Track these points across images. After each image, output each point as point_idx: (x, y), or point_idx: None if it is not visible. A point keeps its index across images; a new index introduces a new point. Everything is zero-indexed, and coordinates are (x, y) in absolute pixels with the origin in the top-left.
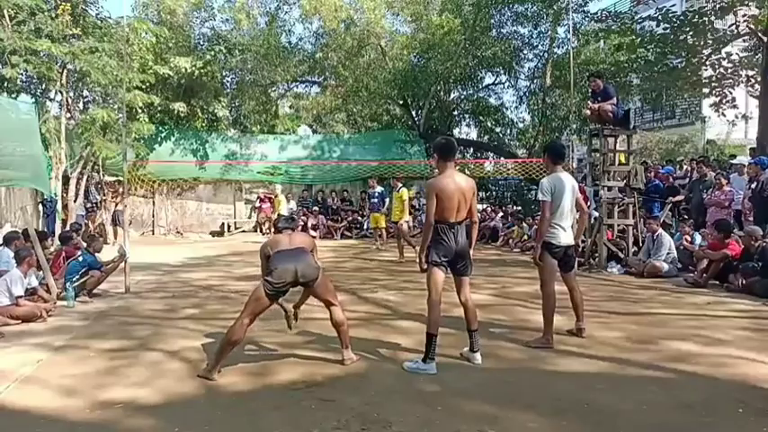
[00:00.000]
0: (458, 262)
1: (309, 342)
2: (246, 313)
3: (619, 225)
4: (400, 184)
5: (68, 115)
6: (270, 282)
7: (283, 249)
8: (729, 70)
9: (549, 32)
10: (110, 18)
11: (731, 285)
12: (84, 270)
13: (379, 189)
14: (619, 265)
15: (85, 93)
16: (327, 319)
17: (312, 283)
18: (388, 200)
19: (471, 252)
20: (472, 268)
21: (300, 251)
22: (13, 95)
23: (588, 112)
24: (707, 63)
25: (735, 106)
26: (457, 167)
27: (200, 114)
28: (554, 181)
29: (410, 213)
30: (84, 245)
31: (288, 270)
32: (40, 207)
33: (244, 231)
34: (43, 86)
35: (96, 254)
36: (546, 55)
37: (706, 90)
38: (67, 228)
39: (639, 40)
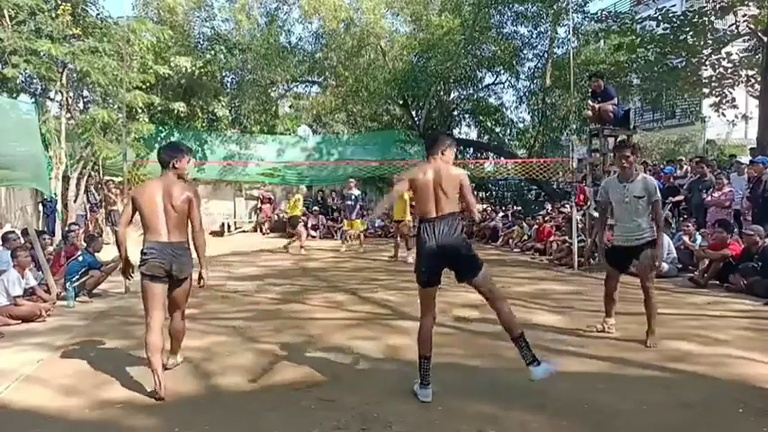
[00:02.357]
0: (453, 263)
1: (309, 342)
2: (149, 314)
3: None
4: None
5: (68, 115)
6: (143, 273)
7: (160, 241)
8: (729, 70)
9: (549, 32)
10: (110, 18)
11: (731, 285)
12: (84, 270)
13: (356, 192)
14: None
15: (85, 93)
16: (328, 318)
17: (179, 283)
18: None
19: None
20: (481, 266)
21: (179, 248)
22: (14, 95)
23: (590, 113)
24: (707, 63)
25: (735, 106)
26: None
27: (199, 114)
28: (607, 183)
29: (411, 214)
30: (84, 245)
31: (160, 266)
32: (40, 207)
33: (244, 231)
34: (43, 86)
35: (96, 254)
36: (546, 55)
37: (706, 90)
38: (67, 228)
39: (639, 40)
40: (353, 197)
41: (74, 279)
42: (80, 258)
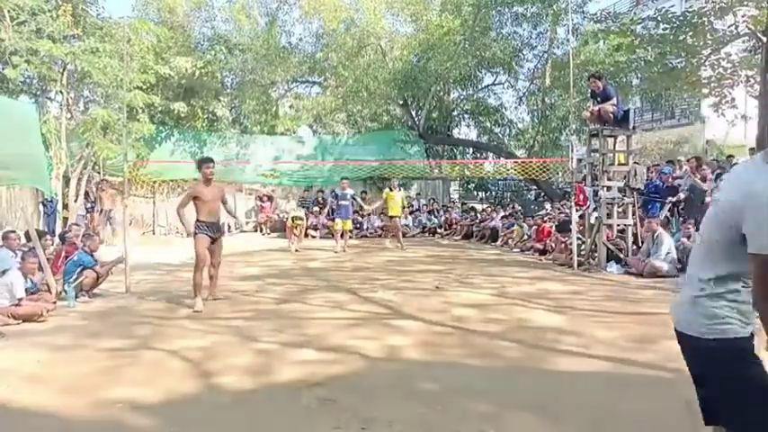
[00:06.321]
0: None
1: (309, 342)
2: (198, 257)
3: (618, 225)
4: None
5: (69, 115)
6: (197, 237)
7: (205, 221)
8: (729, 70)
9: (549, 33)
10: (110, 18)
11: None
12: (79, 269)
13: (350, 191)
14: (618, 265)
15: (86, 93)
16: (328, 318)
17: (215, 241)
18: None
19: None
20: None
21: (216, 223)
22: (14, 95)
23: (588, 114)
24: (706, 63)
25: (734, 106)
26: (457, 167)
27: (200, 114)
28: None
29: (411, 213)
30: (81, 244)
31: (206, 233)
32: (41, 207)
33: (244, 231)
34: (43, 86)
35: (94, 253)
36: (545, 55)
37: (705, 90)
38: (67, 228)
39: (639, 40)
40: (348, 197)
41: (71, 279)
42: (75, 258)
